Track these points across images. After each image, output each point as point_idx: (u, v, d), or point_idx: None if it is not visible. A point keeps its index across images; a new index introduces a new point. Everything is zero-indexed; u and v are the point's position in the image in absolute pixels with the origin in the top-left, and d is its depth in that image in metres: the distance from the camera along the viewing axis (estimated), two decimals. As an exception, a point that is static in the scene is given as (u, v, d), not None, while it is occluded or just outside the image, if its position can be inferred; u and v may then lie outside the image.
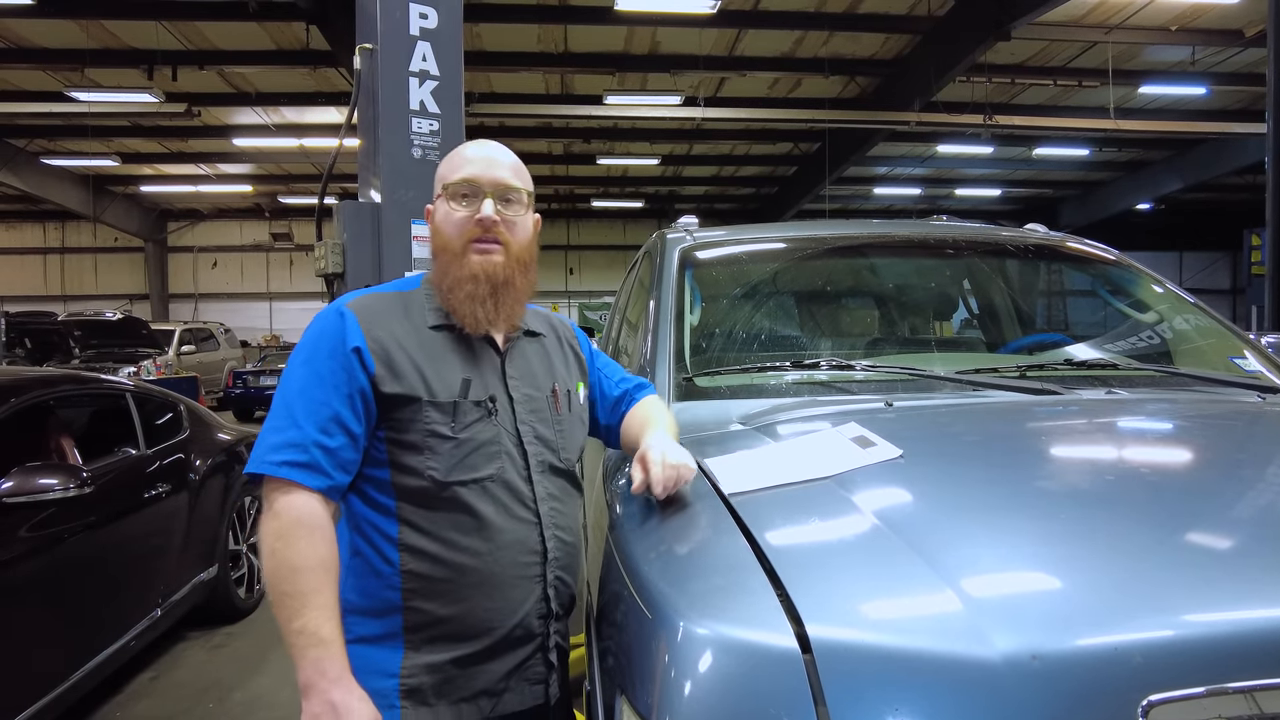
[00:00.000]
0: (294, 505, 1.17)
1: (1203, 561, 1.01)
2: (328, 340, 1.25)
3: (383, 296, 1.36)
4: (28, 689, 2.66)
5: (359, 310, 1.28)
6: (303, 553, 1.16)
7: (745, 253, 2.48)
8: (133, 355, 12.79)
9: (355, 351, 1.23)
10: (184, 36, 11.96)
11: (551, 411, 1.40)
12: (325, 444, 1.19)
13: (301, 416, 1.20)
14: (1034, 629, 0.85)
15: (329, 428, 1.20)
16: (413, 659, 1.25)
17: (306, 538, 1.16)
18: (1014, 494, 1.21)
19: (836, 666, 0.84)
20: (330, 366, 1.23)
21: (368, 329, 1.26)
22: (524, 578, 1.30)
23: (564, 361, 1.49)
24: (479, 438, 1.28)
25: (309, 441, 1.19)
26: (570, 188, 22.29)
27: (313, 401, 1.21)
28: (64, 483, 2.78)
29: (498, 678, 1.29)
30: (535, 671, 1.34)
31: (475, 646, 1.26)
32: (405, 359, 1.27)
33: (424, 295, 1.37)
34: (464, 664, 1.26)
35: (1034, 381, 1.77)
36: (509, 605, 1.28)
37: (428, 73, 3.57)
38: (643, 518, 1.27)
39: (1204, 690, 0.80)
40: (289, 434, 1.19)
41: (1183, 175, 18.63)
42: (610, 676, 1.10)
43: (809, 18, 11.60)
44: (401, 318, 1.32)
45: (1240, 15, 11.33)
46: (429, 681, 1.25)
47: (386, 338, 1.27)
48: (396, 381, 1.25)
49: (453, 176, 1.36)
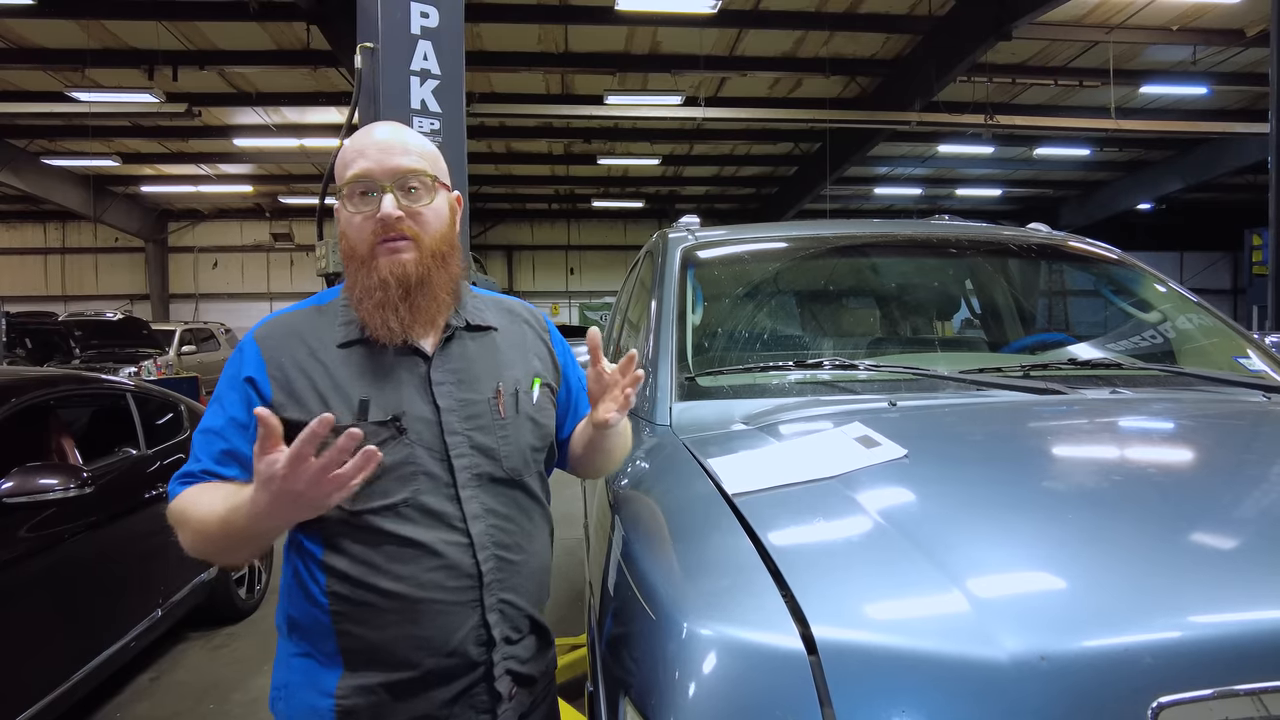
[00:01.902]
0: (182, 496, 1.20)
1: (1210, 562, 1.00)
2: (229, 371, 1.24)
3: (295, 315, 1.28)
4: (28, 690, 2.66)
5: (262, 337, 1.24)
6: (201, 505, 1.15)
7: (747, 252, 2.48)
8: (133, 355, 12.80)
9: (248, 381, 1.21)
10: (184, 37, 11.95)
11: (494, 415, 1.27)
12: (221, 474, 1.19)
13: (200, 452, 1.21)
14: (1042, 630, 0.84)
15: (222, 459, 1.20)
16: (348, 680, 1.20)
17: (194, 500, 1.17)
18: (1020, 494, 1.21)
19: (842, 668, 0.83)
20: (230, 398, 1.21)
21: (270, 355, 1.22)
22: (455, 604, 1.20)
23: (521, 355, 1.36)
24: (384, 461, 1.14)
25: (200, 473, 1.20)
26: (571, 188, 22.28)
27: (209, 435, 1.21)
28: (64, 483, 2.78)
29: (436, 705, 1.22)
30: (479, 700, 1.25)
31: (407, 674, 1.20)
32: (306, 383, 1.20)
33: (340, 307, 1.28)
34: (397, 690, 1.21)
35: (1038, 381, 1.77)
36: (439, 634, 1.20)
37: (429, 72, 3.56)
38: (646, 518, 1.26)
39: (1212, 692, 0.80)
40: (188, 466, 1.22)
41: (1184, 175, 18.60)
42: (614, 677, 1.09)
43: (810, 18, 11.59)
44: (310, 338, 1.24)
45: (1242, 15, 11.31)
46: (363, 704, 1.20)
47: (288, 362, 1.21)
48: (295, 408, 1.18)
49: (346, 174, 1.22)
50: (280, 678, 1.28)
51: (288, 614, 1.27)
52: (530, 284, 25.24)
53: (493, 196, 22.32)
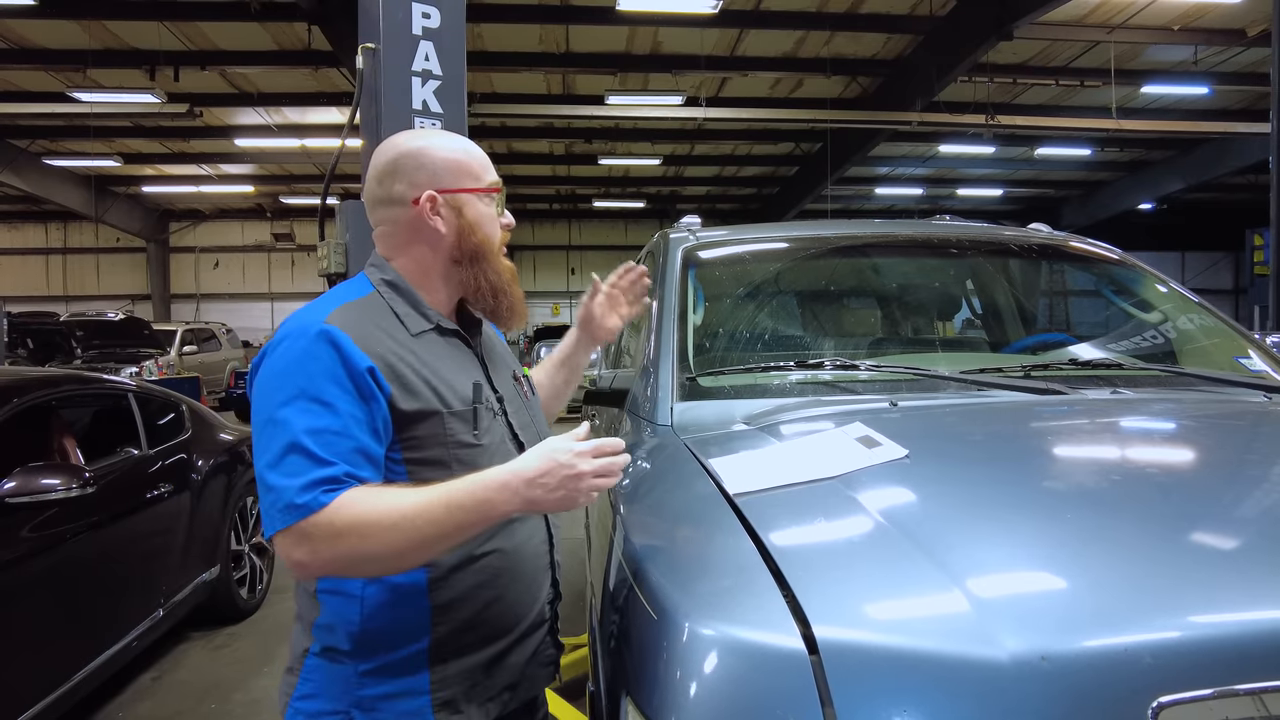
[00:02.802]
0: (345, 503, 1.05)
1: (1211, 562, 1.00)
2: (321, 366, 1.10)
3: (352, 308, 1.21)
4: (30, 689, 2.66)
5: (349, 328, 1.14)
6: (390, 504, 1.06)
7: (748, 252, 2.48)
8: (135, 355, 12.82)
9: (369, 373, 1.12)
10: (186, 37, 11.97)
11: (523, 399, 1.42)
12: (360, 475, 1.09)
13: (325, 453, 1.06)
14: (1043, 630, 0.85)
15: (356, 460, 1.09)
16: (439, 671, 1.20)
17: (377, 499, 1.06)
18: (1021, 494, 1.21)
19: (843, 667, 0.83)
20: (337, 394, 1.10)
21: (368, 347, 1.14)
22: (541, 566, 1.33)
23: (505, 347, 1.51)
24: (496, 439, 1.27)
25: (340, 474, 1.07)
26: (572, 188, 22.30)
27: (328, 436, 1.07)
28: (66, 483, 2.79)
29: (519, 669, 1.30)
30: (547, 655, 1.36)
31: (503, 644, 1.26)
32: (411, 372, 1.18)
33: (388, 300, 1.26)
34: (489, 663, 1.26)
35: (1039, 381, 1.77)
36: (531, 594, 1.30)
37: (430, 72, 3.56)
38: (647, 518, 1.27)
39: (1212, 692, 0.80)
40: (316, 473, 1.06)
41: (1185, 175, 18.60)
42: (615, 677, 1.09)
43: (811, 18, 11.60)
44: (386, 327, 1.21)
45: (1243, 15, 11.31)
46: (460, 690, 1.22)
47: (385, 352, 1.16)
48: (412, 398, 1.16)
49: (487, 177, 1.33)
50: (344, 701, 1.18)
51: (361, 630, 1.17)
52: (531, 284, 25.27)
53: (494, 197, 22.32)
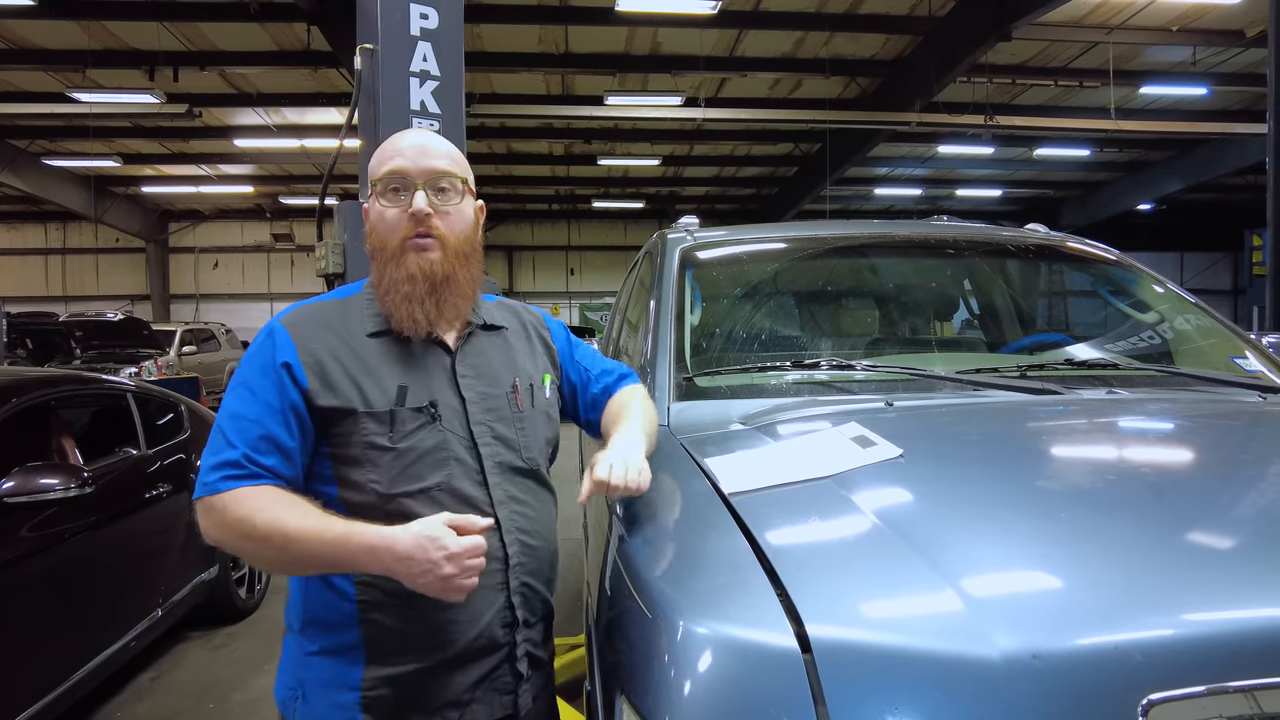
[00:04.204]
0: (241, 498, 1.15)
1: (1203, 561, 1.01)
2: (258, 358, 1.23)
3: (321, 306, 1.32)
4: (28, 689, 2.66)
5: (291, 324, 1.25)
6: (276, 517, 1.12)
7: (746, 253, 2.48)
8: (134, 356, 12.78)
9: (284, 366, 1.21)
10: (185, 37, 11.96)
11: (512, 408, 1.34)
12: (260, 461, 1.18)
13: (235, 437, 1.18)
14: (1035, 628, 0.85)
15: (260, 446, 1.18)
16: (374, 671, 1.21)
17: (267, 508, 1.13)
18: (1014, 493, 1.21)
19: (836, 666, 0.84)
20: (261, 384, 1.20)
21: (300, 342, 1.23)
22: (484, 586, 1.22)
23: (529, 354, 1.43)
24: (421, 446, 1.23)
25: (242, 459, 1.17)
26: (571, 188, 22.29)
27: (243, 421, 1.19)
28: (65, 483, 2.79)
29: (463, 689, 1.25)
30: (503, 682, 1.29)
31: (436, 658, 1.23)
32: (340, 370, 1.23)
33: (365, 300, 1.33)
34: (425, 676, 1.22)
35: (1034, 381, 1.77)
36: (469, 616, 1.23)
37: (428, 73, 3.57)
38: (643, 517, 1.27)
39: (1204, 689, 0.80)
40: (224, 455, 1.17)
41: (1183, 175, 18.60)
42: (610, 676, 1.09)
43: (810, 18, 11.60)
44: (338, 327, 1.27)
45: (1241, 16, 11.32)
46: (389, 694, 1.21)
47: (321, 349, 1.23)
48: (331, 394, 1.21)
49: (381, 170, 1.29)
50: (294, 677, 1.26)
51: (303, 610, 1.26)
52: (531, 284, 25.26)
53: (493, 197, 22.34)
